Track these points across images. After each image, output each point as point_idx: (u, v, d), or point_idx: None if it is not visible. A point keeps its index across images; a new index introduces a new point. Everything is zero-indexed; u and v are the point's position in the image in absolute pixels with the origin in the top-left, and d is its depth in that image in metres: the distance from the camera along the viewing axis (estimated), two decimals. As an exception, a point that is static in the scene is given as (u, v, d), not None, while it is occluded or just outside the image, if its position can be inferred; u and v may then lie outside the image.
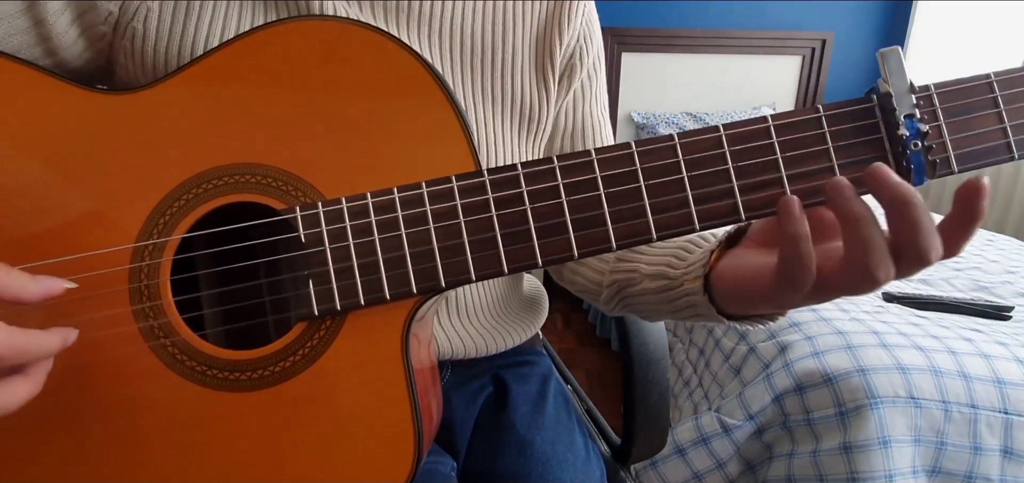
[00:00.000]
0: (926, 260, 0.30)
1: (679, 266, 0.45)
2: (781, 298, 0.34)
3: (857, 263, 0.30)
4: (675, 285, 0.44)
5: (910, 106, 0.34)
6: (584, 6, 0.57)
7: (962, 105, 0.35)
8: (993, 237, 1.76)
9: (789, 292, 0.33)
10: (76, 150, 0.37)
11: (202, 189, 0.37)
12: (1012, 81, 0.35)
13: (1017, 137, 0.35)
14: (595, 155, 0.36)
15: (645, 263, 0.49)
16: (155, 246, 0.37)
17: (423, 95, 0.38)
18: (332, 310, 0.36)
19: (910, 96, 0.34)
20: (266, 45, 0.38)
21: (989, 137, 0.35)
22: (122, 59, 0.46)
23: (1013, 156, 0.35)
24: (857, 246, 0.30)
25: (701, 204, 0.36)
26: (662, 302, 0.47)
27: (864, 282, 0.30)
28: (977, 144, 0.35)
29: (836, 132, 0.35)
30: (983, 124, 0.35)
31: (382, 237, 0.36)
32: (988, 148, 0.35)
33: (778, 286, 0.33)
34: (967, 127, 0.35)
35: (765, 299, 0.35)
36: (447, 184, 0.36)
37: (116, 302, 0.36)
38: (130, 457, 0.36)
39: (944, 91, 0.35)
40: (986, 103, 0.35)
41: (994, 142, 0.35)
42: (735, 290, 0.38)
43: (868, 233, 0.30)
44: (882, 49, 0.35)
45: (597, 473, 0.59)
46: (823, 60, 2.60)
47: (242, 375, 0.37)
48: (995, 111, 0.35)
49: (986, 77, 0.36)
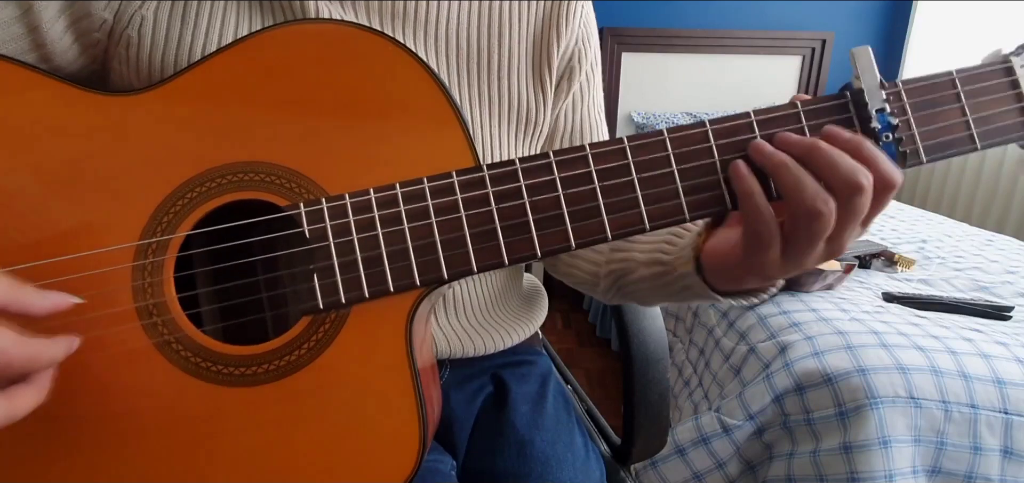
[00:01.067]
0: (854, 182, 0.33)
1: (671, 252, 0.47)
2: (756, 261, 0.37)
3: (797, 205, 0.34)
4: (669, 270, 0.46)
5: (881, 101, 0.37)
6: (582, 7, 0.56)
7: (928, 100, 0.38)
8: (993, 237, 1.76)
9: (760, 251, 0.36)
10: (79, 151, 0.37)
11: (205, 187, 0.38)
12: (972, 78, 0.38)
13: (979, 129, 0.38)
14: (590, 150, 0.38)
15: (639, 251, 0.51)
16: (158, 244, 0.37)
17: (423, 94, 0.39)
18: (337, 303, 0.37)
19: (880, 92, 0.37)
20: (266, 48, 0.39)
21: (954, 129, 0.38)
22: (117, 65, 0.46)
23: (976, 147, 0.38)
24: (791, 190, 0.34)
25: (690, 195, 0.38)
26: (658, 288, 0.49)
27: (812, 221, 0.34)
28: (943, 136, 0.38)
29: (814, 126, 0.38)
30: (948, 117, 0.38)
31: (385, 231, 0.37)
32: (953, 139, 0.38)
33: (749, 247, 0.37)
34: (934, 120, 0.38)
35: (745, 267, 0.38)
36: (448, 179, 0.37)
37: (119, 301, 0.37)
38: (137, 454, 0.37)
39: (912, 87, 0.38)
40: (950, 98, 0.38)
41: (959, 134, 0.38)
42: (721, 265, 0.41)
43: (796, 174, 0.34)
44: (854, 48, 0.38)
45: (596, 473, 0.59)
46: (823, 60, 2.60)
47: (248, 370, 0.37)
48: (958, 105, 0.38)
49: (949, 74, 0.38)
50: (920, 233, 1.78)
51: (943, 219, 2.00)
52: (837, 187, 0.34)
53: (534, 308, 0.67)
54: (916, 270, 1.48)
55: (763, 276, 0.38)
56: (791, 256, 0.36)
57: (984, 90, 0.38)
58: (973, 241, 1.72)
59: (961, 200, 2.36)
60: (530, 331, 0.65)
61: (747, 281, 0.40)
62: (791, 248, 0.36)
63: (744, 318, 1.24)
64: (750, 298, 0.44)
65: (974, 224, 2.18)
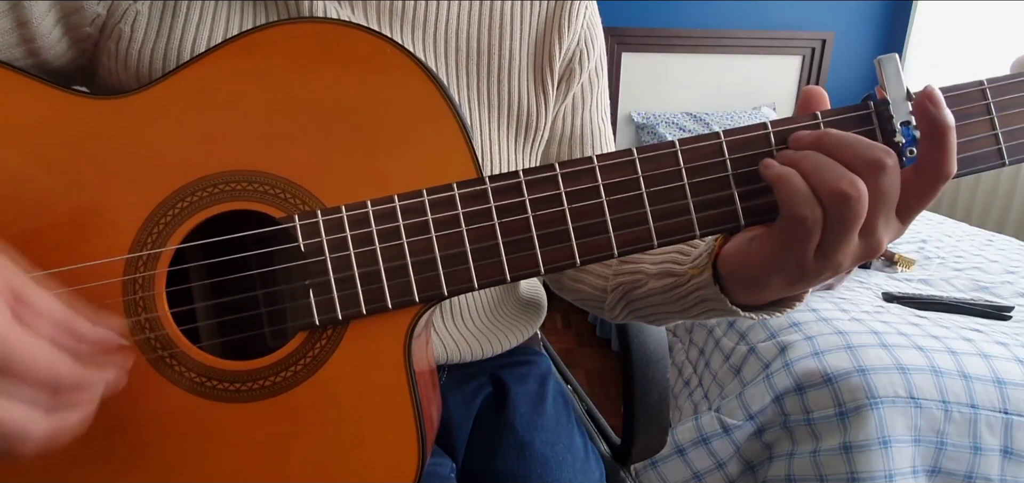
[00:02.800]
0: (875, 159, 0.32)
1: (684, 261, 0.44)
2: (790, 258, 0.34)
3: (823, 191, 0.32)
4: (683, 281, 0.44)
5: (906, 113, 0.34)
6: (585, 7, 0.55)
7: (956, 112, 0.35)
8: (993, 237, 1.76)
9: (799, 243, 0.33)
10: (66, 158, 0.36)
11: (197, 197, 0.36)
12: (1004, 88, 0.36)
13: (1008, 144, 0.36)
14: (597, 162, 0.36)
15: (649, 263, 0.49)
16: (149, 256, 0.36)
17: (423, 100, 0.37)
18: (334, 319, 0.36)
19: (906, 103, 0.34)
20: (260, 48, 0.37)
21: (981, 143, 0.36)
22: (106, 60, 0.45)
23: (1004, 162, 0.36)
24: (815, 175, 0.33)
25: (702, 210, 0.36)
26: (671, 301, 0.46)
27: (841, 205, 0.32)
28: (970, 150, 0.36)
29: None
30: (976, 130, 0.36)
31: (383, 246, 0.36)
32: (980, 154, 0.36)
33: (786, 241, 0.34)
34: (960, 134, 0.35)
35: (776, 266, 0.35)
36: (449, 192, 0.36)
37: (110, 316, 0.35)
38: (130, 470, 0.36)
39: None
40: (979, 110, 0.36)
41: (986, 148, 0.36)
42: (743, 269, 0.38)
43: (814, 160, 0.33)
44: (880, 56, 0.35)
45: (596, 473, 0.59)
46: (823, 60, 2.60)
47: (243, 386, 0.36)
48: (987, 118, 0.36)
49: (979, 84, 0.36)
50: (920, 233, 1.78)
51: (943, 219, 2.00)
52: (860, 167, 0.32)
53: (533, 311, 0.67)
54: (916, 270, 1.48)
55: (793, 279, 0.35)
56: (826, 252, 0.34)
57: (1015, 102, 0.36)
58: (973, 241, 1.72)
59: (961, 200, 2.36)
60: (528, 334, 0.65)
61: (772, 288, 0.37)
62: (826, 241, 0.33)
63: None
64: (772, 313, 0.41)
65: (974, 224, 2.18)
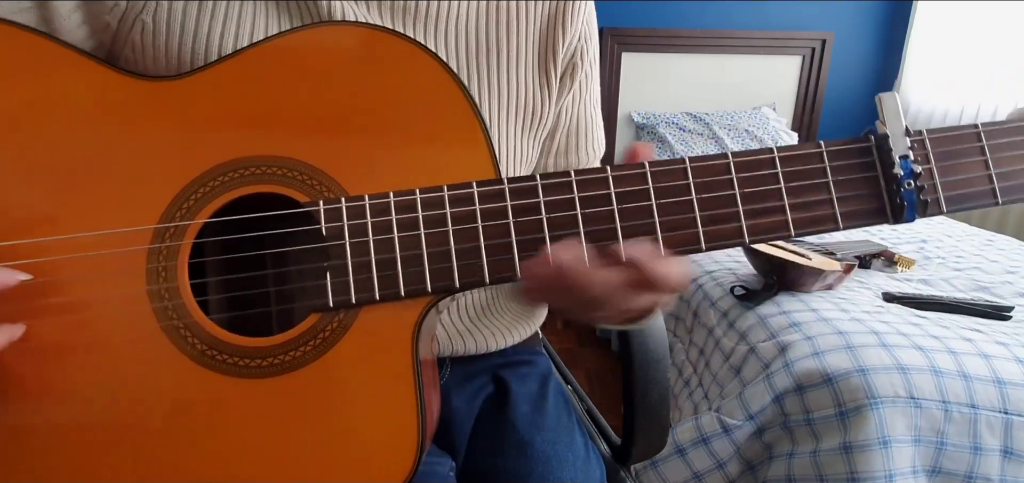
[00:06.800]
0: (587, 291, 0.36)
1: None
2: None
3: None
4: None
5: (905, 148, 0.37)
6: (585, 6, 0.58)
7: (952, 150, 0.38)
8: (993, 237, 1.76)
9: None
10: (107, 130, 0.38)
11: (227, 177, 0.38)
12: (998, 132, 0.38)
13: (1002, 184, 0.38)
14: (611, 172, 0.38)
15: None
16: (176, 228, 0.38)
17: (448, 102, 0.40)
18: (347, 303, 0.37)
19: (905, 139, 0.37)
20: (296, 47, 0.39)
21: (976, 182, 0.38)
22: (128, 52, 0.46)
23: (997, 201, 0.38)
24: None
25: (709, 225, 0.38)
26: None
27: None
28: (965, 188, 0.38)
29: (836, 167, 0.38)
30: (971, 170, 0.38)
31: (401, 236, 0.37)
32: (975, 192, 0.38)
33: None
34: (956, 171, 0.38)
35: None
36: (468, 189, 0.38)
37: (132, 281, 0.37)
38: (137, 435, 0.37)
39: (936, 136, 0.38)
40: (974, 151, 0.38)
41: (980, 187, 0.38)
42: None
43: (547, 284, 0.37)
44: (880, 93, 0.38)
45: (597, 473, 0.59)
46: (823, 60, 2.60)
47: (251, 362, 0.37)
48: (982, 158, 0.38)
49: (974, 127, 0.39)
50: (920, 233, 1.78)
51: (943, 219, 2.00)
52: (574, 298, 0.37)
53: (535, 308, 0.67)
54: (916, 270, 1.48)
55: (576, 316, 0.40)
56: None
57: (1009, 145, 0.38)
58: (973, 241, 1.72)
59: (961, 200, 2.36)
60: (530, 330, 0.66)
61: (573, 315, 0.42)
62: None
63: (744, 318, 1.24)
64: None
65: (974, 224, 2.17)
